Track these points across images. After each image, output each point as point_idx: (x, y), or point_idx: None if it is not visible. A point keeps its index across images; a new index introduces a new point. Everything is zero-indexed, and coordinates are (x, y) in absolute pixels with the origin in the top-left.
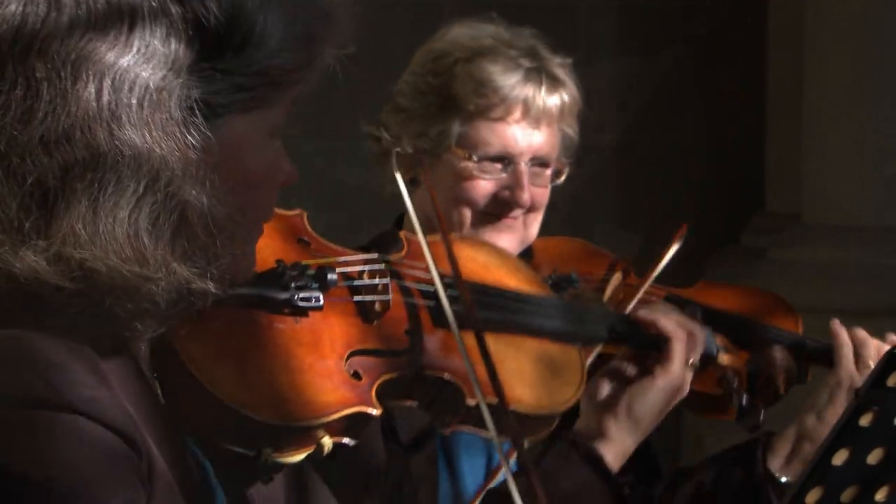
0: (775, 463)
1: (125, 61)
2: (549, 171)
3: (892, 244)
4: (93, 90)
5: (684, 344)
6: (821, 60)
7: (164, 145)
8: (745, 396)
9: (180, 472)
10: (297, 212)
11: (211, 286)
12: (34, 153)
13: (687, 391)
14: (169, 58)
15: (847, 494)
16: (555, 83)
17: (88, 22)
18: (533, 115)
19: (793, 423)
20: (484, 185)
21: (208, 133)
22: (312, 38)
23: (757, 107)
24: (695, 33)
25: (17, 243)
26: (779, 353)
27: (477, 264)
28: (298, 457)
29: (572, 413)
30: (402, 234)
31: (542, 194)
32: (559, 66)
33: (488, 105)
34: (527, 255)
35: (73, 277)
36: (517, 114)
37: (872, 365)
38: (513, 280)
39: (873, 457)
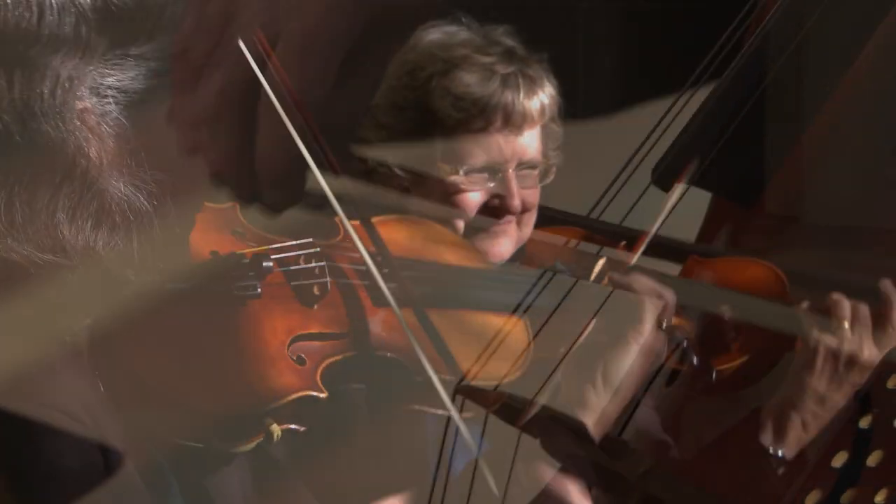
0: (766, 437)
1: (34, 52)
2: (537, 171)
3: (893, 246)
4: (3, 82)
5: (654, 304)
6: (821, 60)
7: (78, 134)
8: (694, 357)
9: (134, 461)
10: (229, 204)
11: (131, 273)
12: None
13: (664, 356)
14: (80, 46)
15: (847, 496)
16: (532, 85)
17: None
18: (514, 122)
19: (776, 395)
20: (473, 197)
21: (123, 120)
22: (228, 18)
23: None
24: (695, 33)
25: None
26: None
27: (415, 242)
28: (248, 446)
29: None
30: (337, 219)
31: (533, 194)
32: (535, 64)
33: (468, 118)
34: (519, 251)
35: None
36: (498, 122)
37: (847, 325)
38: (453, 256)
39: (873, 458)
